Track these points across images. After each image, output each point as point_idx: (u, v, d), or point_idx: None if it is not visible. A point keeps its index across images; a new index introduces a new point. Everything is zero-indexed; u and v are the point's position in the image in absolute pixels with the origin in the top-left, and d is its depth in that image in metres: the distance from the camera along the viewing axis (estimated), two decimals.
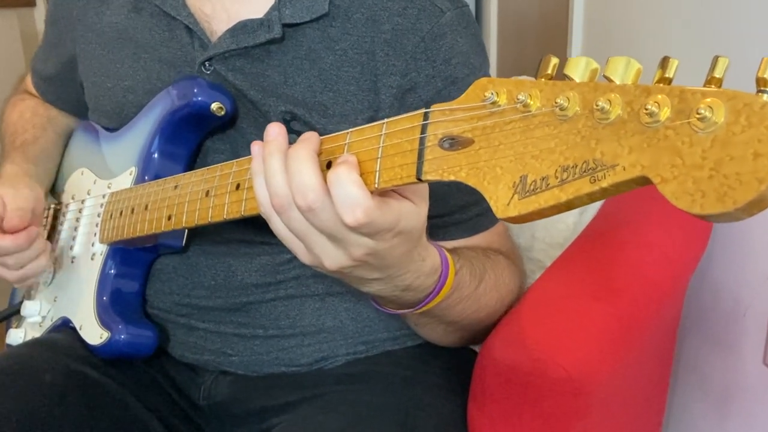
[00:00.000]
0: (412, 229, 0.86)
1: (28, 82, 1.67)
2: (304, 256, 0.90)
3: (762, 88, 0.52)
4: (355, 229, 0.81)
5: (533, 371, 1.05)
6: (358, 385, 1.21)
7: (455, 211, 1.21)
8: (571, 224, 1.51)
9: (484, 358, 1.14)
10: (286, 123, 1.18)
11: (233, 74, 1.20)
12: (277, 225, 0.89)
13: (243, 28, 1.18)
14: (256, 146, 0.88)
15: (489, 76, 1.21)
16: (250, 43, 1.17)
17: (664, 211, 1.29)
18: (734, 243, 1.36)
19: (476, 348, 1.24)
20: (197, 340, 1.31)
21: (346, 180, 0.79)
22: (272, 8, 1.18)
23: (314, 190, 0.81)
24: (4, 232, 1.29)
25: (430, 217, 1.12)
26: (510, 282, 1.21)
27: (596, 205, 1.44)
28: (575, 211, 1.52)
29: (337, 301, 1.27)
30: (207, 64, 1.21)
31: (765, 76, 0.52)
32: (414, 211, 0.86)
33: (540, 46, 2.89)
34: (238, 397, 1.29)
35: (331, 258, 0.87)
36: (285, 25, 1.17)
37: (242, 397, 1.29)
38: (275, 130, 0.87)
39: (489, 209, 1.17)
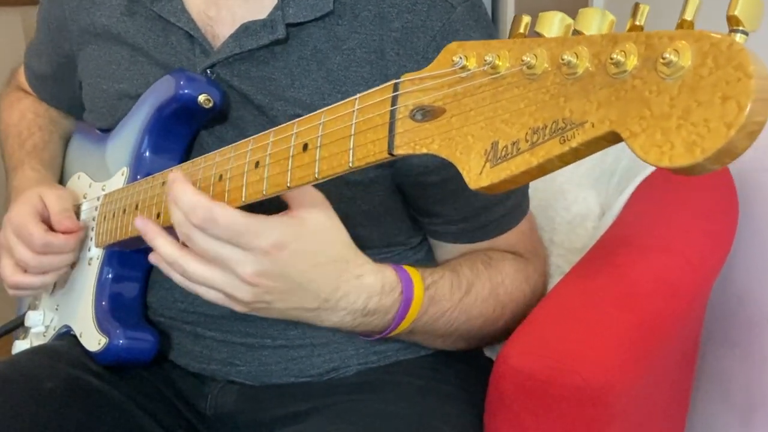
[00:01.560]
0: (293, 238, 0.92)
1: (21, 78, 1.67)
2: (222, 301, 0.98)
3: (734, 27, 0.50)
4: (204, 231, 0.90)
5: (551, 380, 1.03)
6: (370, 394, 1.20)
7: (479, 213, 1.20)
8: (590, 229, 1.49)
9: (500, 366, 1.12)
10: None
11: (238, 79, 1.18)
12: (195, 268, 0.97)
13: (245, 30, 1.16)
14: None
15: None
16: (254, 45, 1.16)
17: (687, 215, 1.29)
18: (758, 247, 1.35)
19: (492, 356, 1.22)
20: (203, 349, 1.29)
21: (181, 188, 0.91)
22: (275, 8, 1.16)
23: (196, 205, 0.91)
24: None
25: (455, 222, 1.12)
26: (514, 289, 1.20)
27: (616, 210, 1.42)
28: (594, 215, 1.51)
29: None
30: (209, 70, 1.20)
31: (735, 13, 0.50)
32: (291, 221, 0.92)
33: None
34: (245, 407, 1.27)
35: (235, 288, 0.94)
36: (289, 25, 1.15)
37: (250, 407, 1.27)
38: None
39: (512, 209, 1.18)
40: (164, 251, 0.98)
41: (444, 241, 1.26)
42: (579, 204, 1.52)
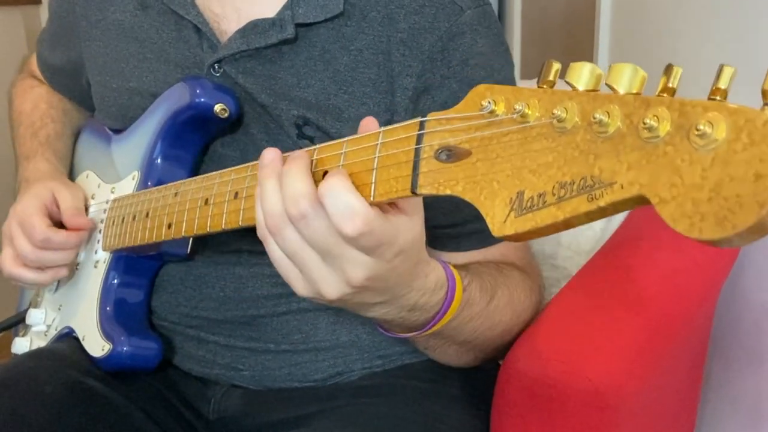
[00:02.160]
0: (410, 244, 0.85)
1: (33, 65, 1.66)
2: (299, 284, 0.89)
3: (767, 102, 0.50)
4: (354, 241, 0.79)
5: (558, 384, 1.04)
6: (375, 398, 1.20)
7: (469, 220, 1.18)
8: (598, 231, 1.49)
9: (507, 369, 1.13)
10: (299, 128, 1.17)
11: (243, 77, 1.19)
12: (272, 248, 0.88)
13: (254, 28, 1.16)
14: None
15: (512, 79, 1.20)
16: (262, 43, 1.16)
17: None
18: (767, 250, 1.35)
19: (499, 359, 1.23)
20: (206, 353, 1.30)
21: (340, 188, 0.78)
22: (285, 7, 1.16)
23: (306, 197, 0.80)
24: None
25: (442, 227, 1.11)
26: (525, 299, 1.18)
27: (624, 212, 1.42)
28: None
29: (352, 314, 1.23)
30: (216, 66, 1.20)
31: None
32: (409, 224, 0.84)
33: (566, 46, 2.88)
34: (249, 410, 1.28)
35: (328, 283, 0.85)
36: (298, 25, 1.15)
37: (254, 410, 1.28)
38: (270, 155, 0.86)
39: None
40: (271, 206, 0.85)
41: (431, 247, 1.21)
42: None
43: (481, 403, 1.21)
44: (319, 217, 0.80)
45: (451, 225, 1.19)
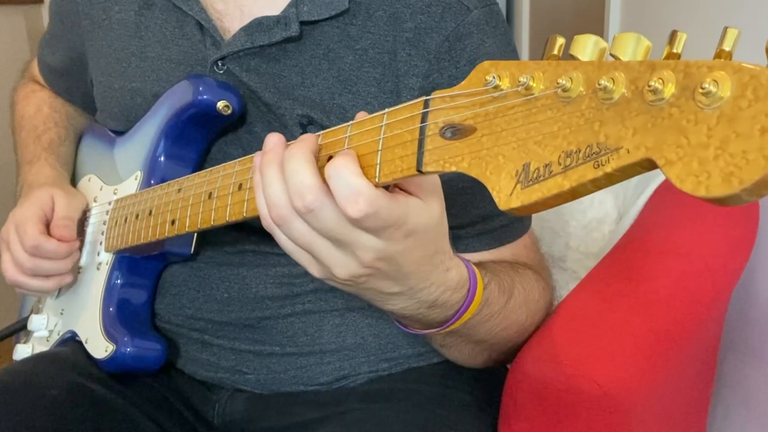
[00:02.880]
0: (424, 227, 0.84)
1: (35, 70, 1.67)
2: (313, 269, 0.88)
3: None
4: (359, 223, 0.79)
5: (567, 388, 1.04)
6: (382, 402, 1.20)
7: (477, 221, 1.19)
8: (607, 233, 1.49)
9: (515, 373, 1.13)
10: (303, 127, 1.17)
11: (247, 74, 1.19)
12: (280, 237, 0.87)
13: (258, 25, 1.17)
14: (256, 158, 0.88)
15: None
16: (266, 41, 1.16)
17: (706, 219, 1.28)
18: None
19: (507, 363, 1.23)
20: (210, 357, 1.30)
21: (343, 171, 0.78)
22: (290, 5, 1.17)
23: (311, 189, 0.79)
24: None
25: (451, 228, 1.11)
26: (539, 299, 1.18)
27: (634, 214, 1.43)
28: (611, 219, 1.51)
29: (358, 316, 1.25)
30: (220, 63, 1.20)
31: None
32: (423, 207, 0.83)
33: None
34: (254, 415, 1.28)
35: (340, 265, 0.85)
36: (303, 23, 1.16)
37: (259, 415, 1.28)
38: (273, 140, 0.86)
39: (514, 220, 1.16)
40: (275, 198, 0.84)
41: None
42: (595, 208, 1.53)
43: (490, 407, 1.21)
44: (327, 208, 0.79)
45: (459, 226, 1.19)
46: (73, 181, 1.53)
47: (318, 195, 0.79)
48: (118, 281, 1.29)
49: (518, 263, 1.21)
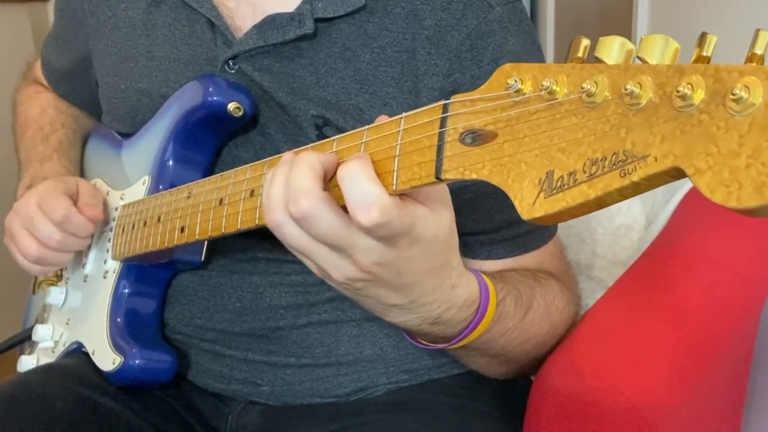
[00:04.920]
0: (431, 238, 0.84)
1: (38, 71, 1.68)
2: (313, 268, 0.89)
3: None
4: (370, 231, 0.79)
5: (594, 401, 1.03)
6: (402, 414, 1.20)
7: (502, 227, 1.19)
8: (635, 240, 1.49)
9: (539, 386, 1.13)
10: (318, 129, 1.17)
11: (260, 74, 1.19)
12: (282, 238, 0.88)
13: (271, 23, 1.16)
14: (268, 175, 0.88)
15: None
16: (279, 39, 1.16)
17: (737, 226, 1.28)
18: None
19: (532, 374, 1.23)
20: (223, 368, 1.30)
21: (360, 175, 0.77)
22: (304, 1, 1.16)
23: (308, 194, 0.80)
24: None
25: (473, 234, 1.10)
26: (564, 309, 1.18)
27: (663, 220, 1.42)
28: (640, 226, 1.51)
29: (376, 327, 1.25)
30: (231, 62, 1.20)
31: None
32: (430, 217, 0.83)
33: None
34: (268, 428, 1.27)
35: (336, 268, 0.86)
36: (317, 20, 1.15)
37: (273, 428, 1.27)
38: (288, 156, 0.87)
39: (539, 226, 1.16)
40: (271, 198, 0.85)
41: (463, 255, 1.21)
42: (623, 214, 1.52)
43: (513, 421, 1.20)
44: (323, 217, 0.80)
45: (482, 232, 1.19)
46: None
47: (313, 201, 0.79)
48: (126, 290, 1.29)
49: (542, 271, 1.21)
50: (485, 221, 1.17)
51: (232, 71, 1.21)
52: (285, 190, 0.83)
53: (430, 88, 1.14)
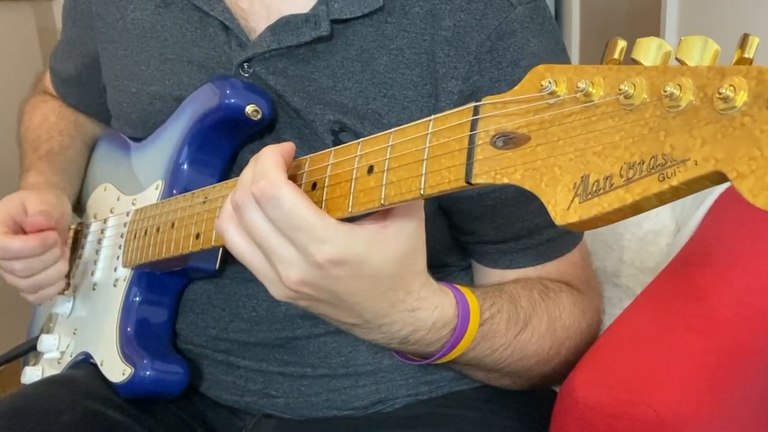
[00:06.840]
0: (361, 259, 0.88)
1: (47, 82, 1.69)
2: (264, 277, 0.94)
3: None
4: (259, 202, 0.86)
5: (620, 413, 1.03)
6: (422, 428, 1.20)
7: (523, 235, 1.19)
8: (664, 246, 1.48)
9: (564, 398, 1.12)
10: (334, 134, 1.17)
11: (274, 78, 1.19)
12: (233, 237, 0.93)
13: (286, 24, 1.17)
14: None
15: None
16: (294, 41, 1.16)
17: None
18: None
19: (555, 386, 1.23)
20: (236, 379, 1.30)
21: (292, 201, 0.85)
22: (319, 2, 1.16)
23: (268, 174, 0.85)
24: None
25: (493, 242, 1.11)
26: (572, 324, 1.19)
27: (693, 226, 1.42)
28: (669, 232, 1.50)
29: None
30: (245, 65, 1.20)
31: None
32: (369, 242, 0.88)
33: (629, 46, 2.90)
34: None
35: (269, 280, 0.93)
36: (333, 21, 1.15)
37: None
38: None
39: (563, 233, 1.16)
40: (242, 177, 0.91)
41: (483, 264, 1.25)
42: (651, 219, 1.52)
43: None
44: (284, 199, 0.84)
45: (503, 240, 1.19)
46: (87, 191, 1.55)
47: (274, 180, 0.84)
48: (137, 299, 1.29)
49: (556, 283, 1.21)
50: (506, 229, 1.18)
51: (247, 74, 1.21)
52: (252, 174, 0.87)
53: (449, 92, 1.14)
